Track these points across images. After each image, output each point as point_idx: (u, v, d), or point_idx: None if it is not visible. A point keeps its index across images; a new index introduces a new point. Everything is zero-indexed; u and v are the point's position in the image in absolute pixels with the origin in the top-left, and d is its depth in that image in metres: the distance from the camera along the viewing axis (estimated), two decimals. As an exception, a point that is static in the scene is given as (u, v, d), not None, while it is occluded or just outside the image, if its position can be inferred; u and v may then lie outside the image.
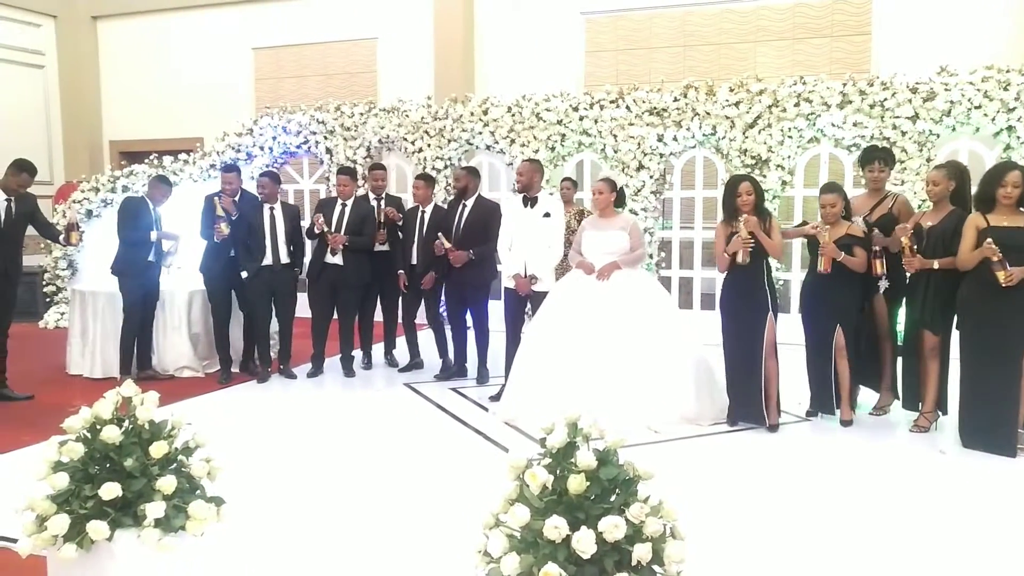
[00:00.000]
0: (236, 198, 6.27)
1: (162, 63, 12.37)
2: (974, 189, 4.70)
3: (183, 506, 2.52)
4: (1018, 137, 7.12)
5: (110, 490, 2.43)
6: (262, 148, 9.73)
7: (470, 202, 6.06)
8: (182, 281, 6.59)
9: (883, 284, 5.07)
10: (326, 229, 6.22)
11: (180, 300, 6.55)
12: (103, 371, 6.49)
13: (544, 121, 8.57)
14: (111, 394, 2.64)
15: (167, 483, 2.50)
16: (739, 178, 4.97)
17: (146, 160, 9.69)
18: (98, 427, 2.56)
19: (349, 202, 6.43)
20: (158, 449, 2.55)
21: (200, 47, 12.12)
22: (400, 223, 6.66)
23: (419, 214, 6.52)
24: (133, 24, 12.58)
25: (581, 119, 8.43)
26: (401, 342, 6.88)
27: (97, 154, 12.74)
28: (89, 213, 9.26)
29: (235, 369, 6.57)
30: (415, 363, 6.76)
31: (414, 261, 6.49)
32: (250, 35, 11.85)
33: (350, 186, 6.48)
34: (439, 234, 5.97)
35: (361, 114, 9.42)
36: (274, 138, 9.70)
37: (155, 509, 2.45)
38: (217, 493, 2.64)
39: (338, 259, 6.32)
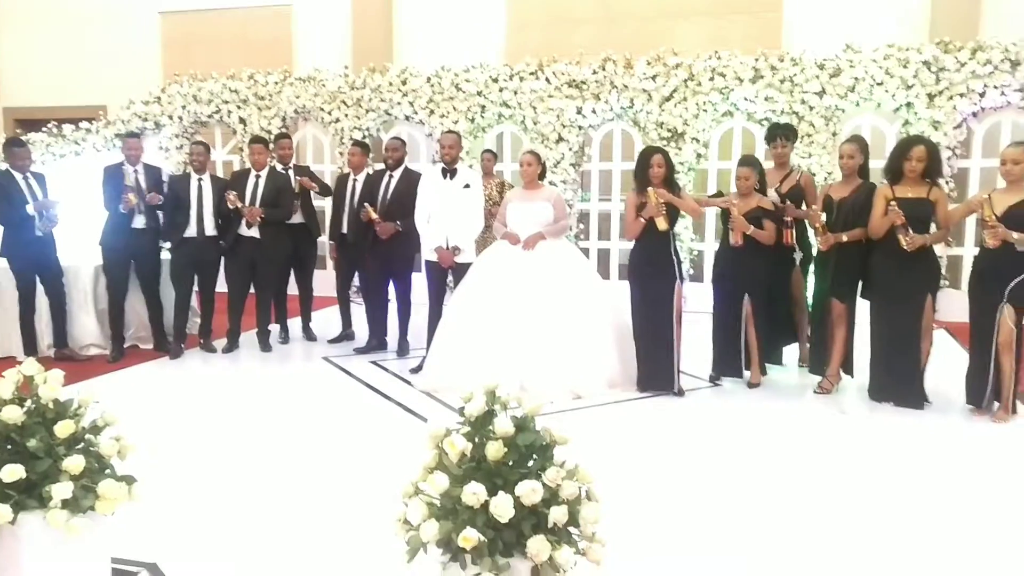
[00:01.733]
0: (139, 167, 6.02)
1: (62, 26, 11.71)
2: (877, 163, 4.95)
3: (92, 486, 2.44)
4: (915, 113, 7.46)
5: (12, 472, 2.34)
6: (171, 117, 9.37)
7: (397, 172, 5.99)
8: (86, 256, 6.31)
9: (798, 256, 5.30)
10: (239, 204, 6.06)
11: (85, 276, 6.27)
12: (2, 351, 6.19)
13: (464, 92, 8.52)
14: (11, 373, 2.54)
15: (74, 463, 2.42)
16: (651, 150, 5.08)
17: (44, 128, 9.21)
18: (-3, 407, 2.45)
19: (264, 173, 6.27)
20: (64, 429, 2.46)
21: (103, 10, 11.50)
22: (316, 191, 6.56)
23: (351, 182, 6.40)
24: (27, -16, 11.86)
25: (501, 91, 8.41)
26: (325, 314, 6.79)
27: (-10, 121, 12.03)
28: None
29: (146, 346, 6.36)
30: (346, 334, 6.69)
31: (345, 230, 6.40)
32: (156, -2, 11.33)
33: (264, 154, 6.31)
34: (365, 204, 5.91)
35: (276, 83, 9.16)
36: (184, 107, 9.35)
37: (61, 490, 2.37)
38: (129, 472, 2.58)
39: (254, 232, 6.17)
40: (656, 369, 5.05)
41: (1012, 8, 8.43)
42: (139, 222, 6.00)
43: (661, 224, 4.86)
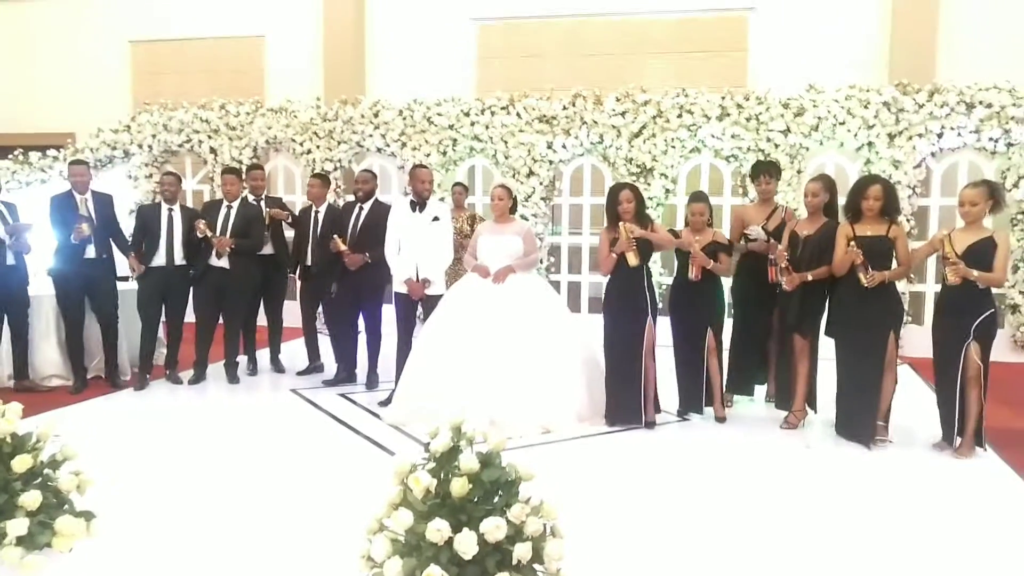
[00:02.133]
0: (88, 194, 5.95)
1: (29, 52, 11.63)
2: (841, 200, 5.06)
3: (49, 522, 2.41)
4: (877, 152, 7.66)
5: (-34, 508, 2.30)
6: (140, 146, 9.32)
7: (367, 205, 6.01)
8: (48, 286, 6.21)
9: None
10: (208, 233, 6.04)
11: (48, 305, 6.16)
12: (-40, 382, 6.06)
13: (436, 125, 8.59)
14: (-33, 406, 2.50)
15: (31, 498, 2.39)
16: (620, 186, 5.16)
17: (11, 155, 9.10)
18: (-48, 441, 2.41)
19: (235, 203, 6.26)
20: (21, 463, 2.44)
21: (71, 37, 11.45)
22: (289, 221, 6.55)
23: (312, 213, 6.41)
24: (-4, 10, 11.79)
25: (472, 124, 8.49)
26: (294, 346, 6.74)
27: (-46, 148, 11.85)
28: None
29: (95, 375, 6.27)
30: (315, 367, 6.65)
31: (309, 262, 6.38)
32: (127, 27, 11.29)
33: (236, 186, 6.31)
34: (335, 236, 5.91)
35: (248, 113, 9.16)
36: (154, 136, 9.31)
37: (17, 526, 2.33)
38: (88, 507, 2.53)
39: (224, 262, 6.14)
40: (623, 402, 5.07)
41: (966, 52, 8.73)
42: (91, 252, 5.90)
43: (632, 260, 4.92)
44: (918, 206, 7.72)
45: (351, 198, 6.39)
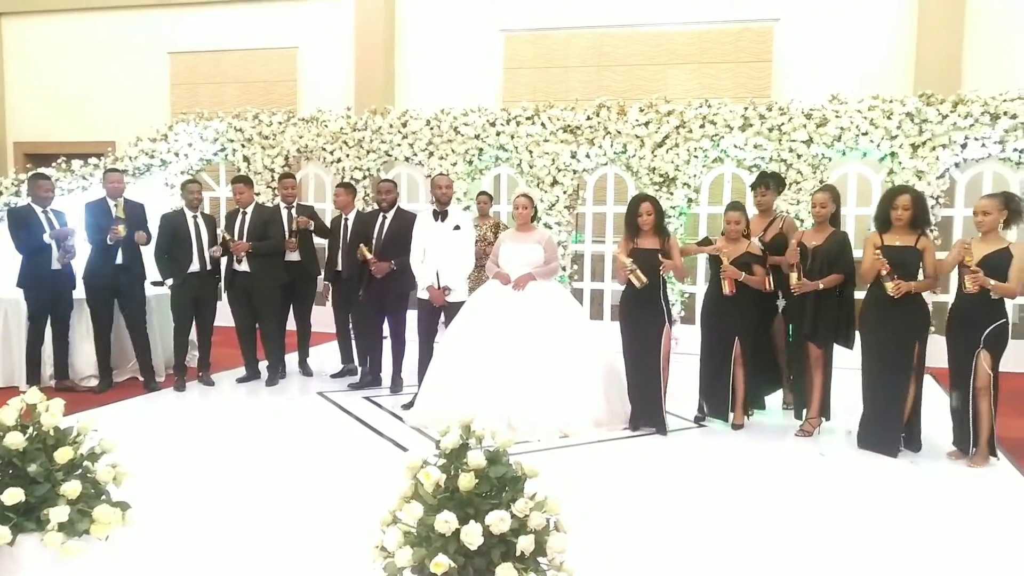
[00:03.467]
0: (121, 200, 6.15)
1: (73, 64, 12.05)
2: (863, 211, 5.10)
3: (88, 510, 2.57)
4: (900, 163, 7.67)
5: (13, 495, 2.47)
6: (177, 154, 9.61)
7: (390, 213, 6.19)
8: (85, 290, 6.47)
9: (780, 303, 5.45)
10: (227, 236, 6.30)
11: (88, 309, 6.43)
12: (4, 380, 6.33)
13: (462, 135, 8.76)
14: (15, 401, 2.68)
15: (71, 488, 2.55)
16: (640, 197, 5.25)
17: (54, 163, 9.44)
18: (1, 433, 2.60)
19: (250, 209, 6.48)
20: (63, 455, 2.61)
21: (114, 49, 11.86)
22: (311, 229, 6.74)
23: (343, 221, 6.61)
24: (41, 22, 12.22)
25: (498, 134, 8.65)
26: (323, 350, 6.92)
27: None
28: (-9, 217, 8.96)
29: (131, 376, 6.53)
30: (348, 369, 6.84)
31: (339, 268, 6.58)
32: (167, 39, 11.67)
33: (246, 193, 6.50)
34: (360, 244, 6.09)
35: (280, 123, 9.42)
36: (190, 144, 9.60)
37: (59, 513, 2.50)
38: (124, 498, 2.71)
39: (245, 266, 6.38)
40: (646, 408, 5.18)
41: (991, 63, 8.71)
42: (120, 258, 6.12)
43: (636, 283, 5.02)
44: (942, 216, 7.71)
45: (375, 206, 6.56)
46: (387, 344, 6.40)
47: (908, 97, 7.83)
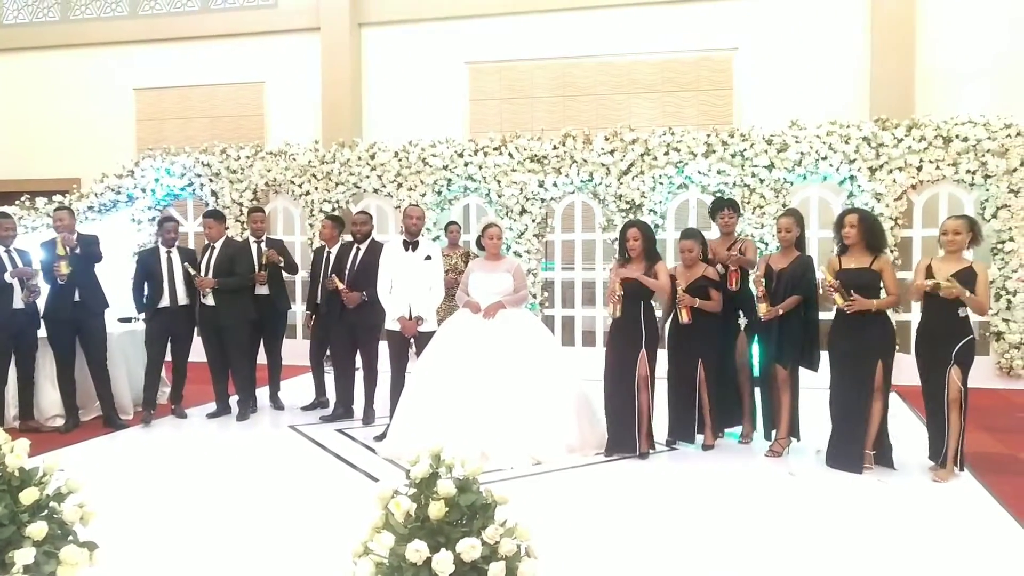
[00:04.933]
0: (63, 236, 6.00)
1: (36, 101, 11.98)
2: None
3: (54, 551, 2.54)
4: (859, 186, 7.87)
5: (-24, 538, 2.44)
6: (143, 190, 9.57)
7: (364, 245, 6.22)
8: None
9: (742, 322, 5.54)
10: (191, 271, 6.30)
11: (50, 348, 6.33)
12: (-34, 422, 6.21)
13: (430, 166, 8.83)
14: (-21, 442, 2.65)
15: (37, 529, 2.52)
16: (629, 224, 5.37)
17: (17, 201, 9.35)
18: (-36, 476, 2.56)
19: (218, 244, 6.47)
20: (28, 496, 2.58)
21: (77, 87, 11.81)
22: (281, 264, 6.73)
23: (325, 254, 6.61)
24: (3, 60, 12.14)
25: (466, 165, 8.74)
26: (293, 383, 6.89)
27: (-38, 194, 12.14)
28: (-47, 257, 8.81)
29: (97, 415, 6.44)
30: (320, 402, 6.81)
31: (319, 300, 6.57)
32: (131, 75, 11.65)
33: (215, 228, 6.49)
34: (332, 275, 6.13)
35: (248, 157, 9.43)
36: (157, 180, 9.56)
37: (24, 555, 2.46)
38: (93, 538, 2.68)
39: (211, 300, 6.36)
40: (622, 432, 5.21)
41: (944, 87, 9.01)
42: (77, 295, 6.03)
43: (614, 312, 5.11)
44: (901, 237, 7.91)
45: (348, 238, 6.58)
46: (359, 376, 6.39)
47: (864, 122, 8.06)
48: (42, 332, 6.22)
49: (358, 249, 6.22)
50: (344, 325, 6.21)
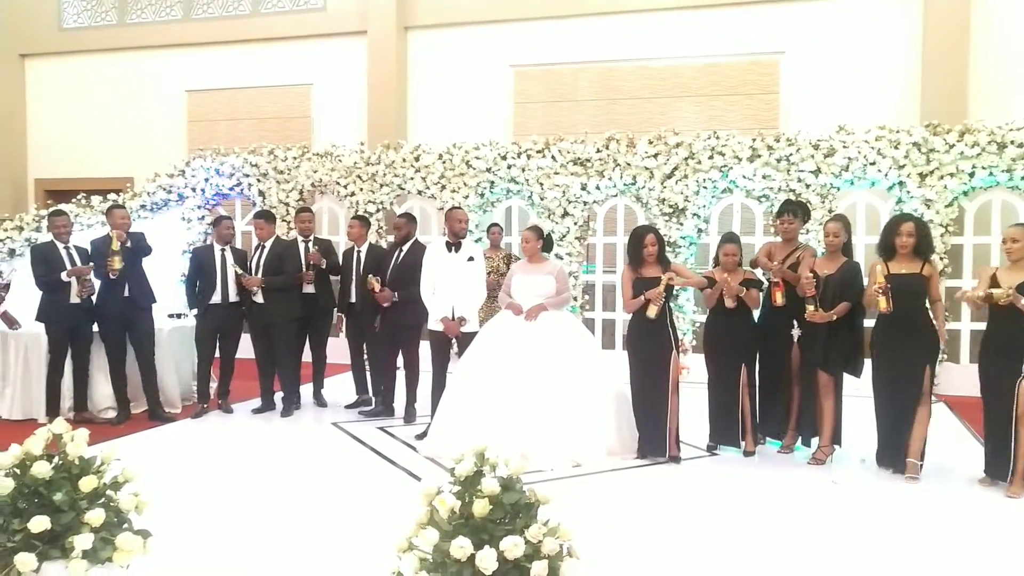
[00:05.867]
0: (115, 233, 6.12)
1: (92, 102, 12.31)
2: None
3: (110, 538, 2.64)
4: (908, 192, 7.73)
5: (39, 523, 2.54)
6: (194, 190, 9.79)
7: (406, 246, 6.30)
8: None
9: (796, 333, 5.44)
10: (238, 271, 6.43)
11: (101, 342, 6.52)
12: (23, 413, 6.43)
13: (473, 168, 8.89)
14: (41, 431, 2.76)
15: (95, 516, 2.62)
16: (644, 229, 5.35)
17: (73, 199, 9.63)
18: (28, 463, 2.67)
19: (268, 243, 6.61)
20: (87, 484, 2.67)
21: (132, 88, 12.12)
22: (324, 266, 6.82)
23: (355, 254, 6.71)
24: (62, 63, 12.51)
25: (509, 167, 8.78)
26: (337, 381, 6.99)
27: (21, 192, 12.54)
28: (12, 252, 9.13)
29: (171, 409, 6.64)
30: (362, 399, 6.90)
31: (353, 300, 6.67)
32: (184, 78, 11.92)
33: (265, 229, 6.66)
34: (370, 275, 6.21)
35: (295, 158, 9.59)
36: (206, 180, 9.78)
37: (83, 541, 2.56)
38: (144, 526, 2.76)
39: (260, 298, 6.50)
40: (651, 436, 5.21)
41: (997, 92, 8.79)
42: (127, 291, 6.18)
43: (652, 312, 5.09)
44: (952, 245, 7.74)
45: (392, 239, 6.66)
46: (400, 375, 6.46)
47: (915, 127, 7.91)
48: (95, 327, 6.41)
49: (401, 251, 6.31)
50: (385, 326, 6.29)
